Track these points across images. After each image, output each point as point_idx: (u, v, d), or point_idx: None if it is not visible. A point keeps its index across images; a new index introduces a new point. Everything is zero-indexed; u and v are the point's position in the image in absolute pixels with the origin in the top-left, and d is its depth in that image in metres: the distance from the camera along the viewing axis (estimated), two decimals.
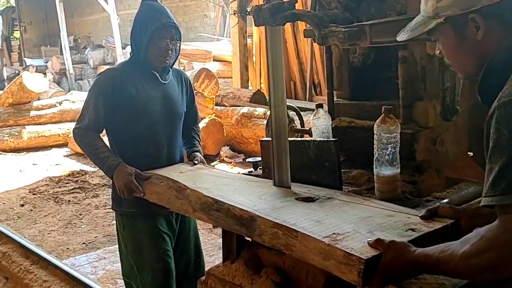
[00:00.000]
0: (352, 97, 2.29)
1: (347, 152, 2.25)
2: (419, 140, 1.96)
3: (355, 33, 1.51)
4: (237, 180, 2.06)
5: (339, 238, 1.35)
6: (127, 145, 2.34)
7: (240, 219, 1.64)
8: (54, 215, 4.84)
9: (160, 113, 2.35)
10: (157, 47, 2.28)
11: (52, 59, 15.96)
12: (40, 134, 8.19)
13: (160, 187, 2.11)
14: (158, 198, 2.11)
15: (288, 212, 1.59)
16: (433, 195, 1.91)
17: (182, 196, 1.96)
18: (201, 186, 1.94)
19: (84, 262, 3.68)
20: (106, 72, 2.39)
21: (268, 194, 1.80)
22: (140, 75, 2.34)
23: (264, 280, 1.77)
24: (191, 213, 1.91)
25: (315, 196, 1.72)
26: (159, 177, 2.15)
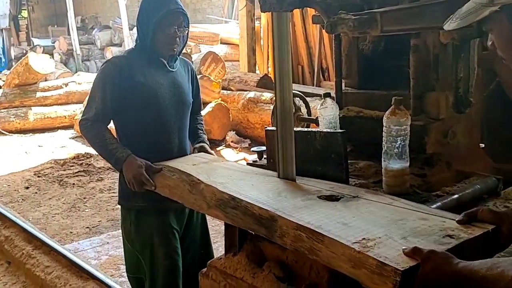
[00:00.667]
0: (361, 85, 2.22)
1: (354, 142, 2.19)
2: (430, 133, 1.89)
3: (366, 21, 1.44)
4: (254, 175, 1.93)
5: (370, 245, 1.24)
6: (136, 136, 2.25)
7: (260, 218, 1.53)
8: (59, 198, 4.83)
9: (170, 102, 2.28)
10: (165, 34, 2.21)
11: (59, 40, 15.91)
12: (46, 115, 8.17)
13: (172, 180, 2.01)
14: (170, 192, 2.01)
15: (311, 213, 1.48)
16: (443, 189, 1.85)
17: (196, 190, 1.85)
18: (216, 180, 1.83)
19: (87, 247, 3.66)
20: (113, 60, 2.31)
21: (288, 191, 1.69)
22: (147, 63, 2.25)
23: (266, 274, 1.73)
24: (206, 209, 1.80)
25: (339, 195, 1.61)
26: (171, 170, 2.04)
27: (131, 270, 2.34)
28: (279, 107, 1.81)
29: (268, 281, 1.71)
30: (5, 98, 8.25)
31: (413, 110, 1.92)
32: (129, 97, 2.21)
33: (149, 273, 2.26)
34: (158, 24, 2.18)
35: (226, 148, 6.14)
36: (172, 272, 2.24)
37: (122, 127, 2.30)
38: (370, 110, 2.13)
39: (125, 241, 2.33)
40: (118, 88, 2.19)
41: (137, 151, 2.16)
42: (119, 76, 2.19)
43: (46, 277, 2.68)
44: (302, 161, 1.93)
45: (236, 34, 9.29)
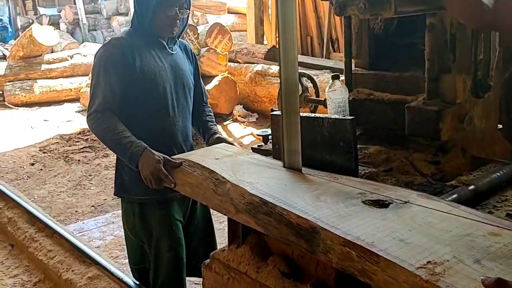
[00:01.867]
0: (371, 66, 2.09)
1: (364, 126, 2.08)
2: (445, 118, 1.77)
3: (377, 1, 1.31)
4: (285, 172, 1.69)
5: (438, 271, 1.03)
6: (139, 121, 2.10)
7: (298, 229, 1.32)
8: (64, 175, 4.78)
9: (172, 84, 2.16)
10: (165, 15, 2.08)
11: (65, 9, 15.72)
12: (51, 88, 8.09)
13: (194, 177, 1.76)
14: (192, 191, 1.78)
15: (359, 223, 1.26)
16: (458, 179, 1.75)
17: (221, 191, 1.61)
18: (243, 179, 1.61)
19: (92, 227, 3.62)
20: (113, 42, 2.12)
21: (327, 194, 1.46)
22: (147, 45, 2.12)
23: (271, 269, 1.66)
24: (234, 213, 1.56)
25: (387, 199, 1.39)
26: (192, 165, 1.81)
27: (135, 261, 2.28)
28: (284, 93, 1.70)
29: (273, 276, 1.64)
30: (10, 71, 8.17)
31: (428, 93, 1.80)
32: (133, 81, 2.07)
33: (153, 264, 2.20)
34: (158, 4, 2.06)
35: (233, 123, 6.04)
36: (175, 264, 2.18)
37: (125, 113, 2.10)
38: (381, 92, 2.01)
39: (127, 232, 2.25)
40: (122, 72, 2.05)
41: (141, 138, 2.01)
42: (122, 59, 2.05)
43: (49, 261, 2.64)
44: (309, 149, 1.82)
45: (244, 3, 9.05)
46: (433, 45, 1.75)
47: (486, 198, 1.68)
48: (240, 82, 6.26)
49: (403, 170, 1.83)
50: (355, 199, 1.41)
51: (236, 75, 6.39)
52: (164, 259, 2.17)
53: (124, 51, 2.06)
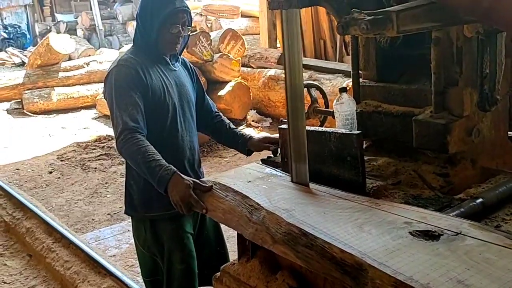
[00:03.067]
0: (379, 78, 2.09)
1: (372, 138, 2.09)
2: (453, 132, 1.77)
3: (380, 21, 1.32)
4: (322, 197, 1.60)
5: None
6: (152, 139, 2.02)
7: (342, 264, 1.22)
8: (81, 184, 4.87)
9: (177, 100, 2.19)
10: (169, 33, 2.12)
11: (82, 15, 15.93)
12: (69, 95, 8.23)
13: (226, 203, 1.67)
14: (225, 218, 1.66)
15: (409, 260, 1.16)
16: (466, 192, 1.74)
17: (256, 218, 1.52)
18: (279, 206, 1.52)
19: (108, 235, 3.69)
20: (122, 63, 2.11)
21: (371, 224, 1.36)
22: (152, 62, 2.15)
23: (280, 283, 1.68)
24: (271, 244, 1.45)
25: (436, 230, 1.28)
26: (224, 188, 1.72)
27: (147, 274, 2.32)
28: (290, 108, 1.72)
29: None
30: (28, 79, 8.33)
31: (435, 106, 1.80)
32: (146, 100, 2.08)
33: (166, 276, 2.24)
34: (163, 22, 2.09)
35: (247, 128, 6.07)
36: (188, 276, 2.22)
37: None
38: (388, 104, 2.02)
39: (139, 247, 2.29)
40: (141, 90, 2.05)
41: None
42: (138, 78, 2.06)
43: (66, 272, 2.70)
44: (317, 162, 1.84)
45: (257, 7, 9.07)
46: (439, 59, 1.75)
47: (495, 211, 1.68)
48: (254, 87, 6.28)
49: (412, 183, 1.83)
50: (402, 229, 1.30)
51: (249, 80, 6.42)
52: (177, 271, 2.20)
53: (137, 70, 2.08)
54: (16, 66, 13.26)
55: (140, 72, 2.08)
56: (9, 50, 15.23)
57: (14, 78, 8.57)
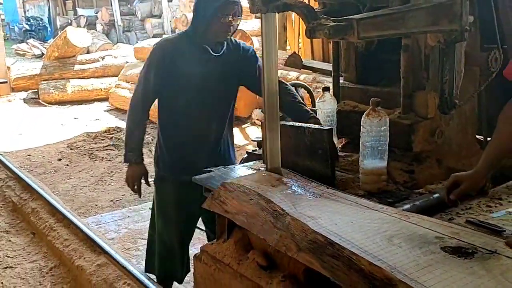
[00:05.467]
0: (359, 80, 2.25)
1: (350, 136, 2.24)
2: (417, 131, 1.92)
3: (342, 28, 1.48)
4: (349, 206, 1.54)
5: None
6: (173, 119, 2.43)
7: (371, 278, 1.16)
8: (88, 171, 5.08)
9: (209, 88, 2.38)
10: (220, 23, 2.31)
11: (102, 10, 16.23)
12: (83, 88, 8.47)
13: (250, 206, 1.63)
14: (248, 222, 1.62)
15: (442, 277, 1.11)
16: (426, 187, 1.88)
17: (280, 224, 1.48)
18: (304, 212, 1.48)
19: (109, 220, 3.88)
20: (161, 42, 2.45)
21: (401, 236, 1.30)
22: (192, 49, 2.37)
23: (250, 262, 1.83)
24: (295, 252, 1.41)
25: (470, 247, 1.23)
26: (247, 192, 1.68)
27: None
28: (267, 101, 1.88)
29: (251, 268, 1.81)
30: (45, 70, 8.60)
31: (403, 108, 1.96)
32: (169, 83, 2.36)
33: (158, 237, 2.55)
34: (215, 13, 2.29)
35: (252, 126, 6.23)
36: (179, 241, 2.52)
37: (162, 108, 2.46)
38: (364, 105, 2.17)
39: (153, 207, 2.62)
40: (161, 71, 2.35)
41: (175, 134, 2.42)
42: (162, 61, 2.34)
43: (64, 249, 2.89)
44: (294, 155, 2.00)
45: None
46: (408, 64, 1.91)
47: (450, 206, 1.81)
48: None
49: None
50: (433, 244, 1.25)
51: None
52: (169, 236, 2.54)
53: (165, 54, 2.35)
54: (36, 57, 13.61)
55: (166, 56, 2.34)
56: (30, 42, 15.61)
57: (32, 68, 8.87)
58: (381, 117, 1.75)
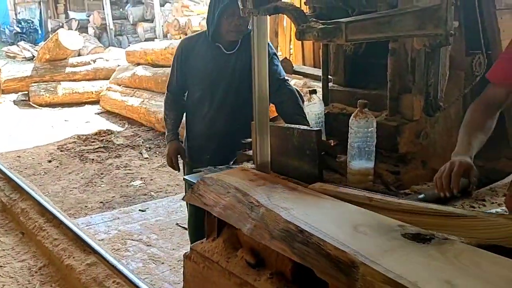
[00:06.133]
0: (347, 83, 2.30)
1: (338, 138, 2.28)
2: (403, 133, 1.97)
3: (331, 30, 1.52)
4: (323, 199, 1.65)
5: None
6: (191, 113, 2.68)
7: (337, 262, 1.25)
8: (78, 173, 5.08)
9: (223, 84, 2.54)
10: (228, 22, 2.44)
11: (94, 14, 16.21)
12: (74, 90, 8.46)
13: (227, 199, 1.73)
14: (225, 214, 1.72)
15: (400, 260, 1.19)
16: (411, 188, 1.93)
17: (255, 215, 1.58)
18: (278, 204, 1.57)
19: (98, 221, 3.88)
20: (181, 41, 2.73)
21: (367, 225, 1.40)
22: (205, 47, 2.55)
23: (239, 260, 1.86)
24: (268, 240, 1.51)
25: (428, 234, 1.32)
26: (225, 186, 1.79)
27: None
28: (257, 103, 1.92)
29: (240, 266, 1.84)
30: (36, 73, 8.59)
31: (389, 110, 2.01)
32: (186, 78, 2.61)
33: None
34: (221, 14, 2.43)
35: None
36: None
37: (186, 101, 2.70)
38: (353, 107, 2.21)
39: None
40: (179, 67, 2.61)
41: (192, 125, 2.67)
42: (180, 57, 2.59)
43: (54, 248, 2.90)
44: (282, 155, 2.04)
45: None
46: (394, 68, 1.95)
47: None
48: None
49: None
50: (395, 231, 1.34)
51: None
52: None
53: (183, 50, 2.60)
54: (26, 60, 13.56)
55: (184, 52, 2.58)
56: (20, 44, 15.55)
57: (23, 70, 8.84)
58: (368, 118, 1.79)
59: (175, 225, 3.76)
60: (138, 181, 4.73)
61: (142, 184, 4.68)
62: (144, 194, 4.48)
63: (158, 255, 3.34)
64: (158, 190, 4.53)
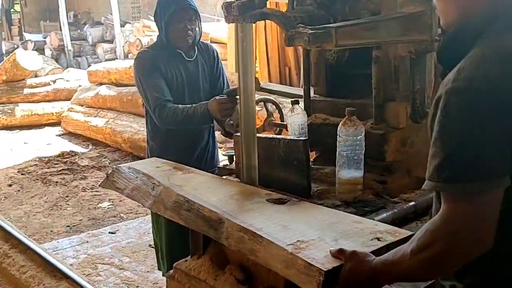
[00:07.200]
0: (329, 93, 2.27)
1: (321, 148, 2.25)
2: (389, 141, 1.95)
3: (320, 35, 1.49)
4: (212, 179, 2.03)
5: (302, 247, 1.33)
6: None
7: (209, 220, 1.60)
8: (41, 197, 4.86)
9: (187, 90, 2.51)
10: (176, 29, 2.43)
11: (51, 35, 15.85)
12: (33, 112, 8.16)
13: (135, 182, 2.05)
14: (132, 194, 2.04)
15: (256, 215, 1.56)
16: (400, 196, 1.91)
17: (155, 193, 1.91)
18: (175, 183, 1.91)
19: (66, 246, 3.70)
20: (140, 56, 2.56)
21: (240, 194, 1.77)
22: (167, 55, 2.50)
23: (228, 276, 1.79)
24: (163, 211, 1.85)
25: (287, 198, 1.69)
26: (135, 172, 2.10)
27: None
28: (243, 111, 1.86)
29: (229, 283, 1.77)
30: None
31: (375, 119, 1.99)
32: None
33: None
34: (169, 20, 2.42)
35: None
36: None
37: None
38: (336, 117, 2.18)
39: None
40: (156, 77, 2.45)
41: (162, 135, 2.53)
42: (153, 66, 2.46)
43: (21, 276, 2.72)
44: (267, 167, 1.98)
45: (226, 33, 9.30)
46: (378, 76, 1.94)
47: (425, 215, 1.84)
48: None
49: None
50: (262, 198, 1.71)
51: None
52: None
53: (153, 60, 2.48)
54: None
55: (154, 62, 2.47)
56: None
57: None
58: (357, 126, 1.76)
59: (148, 247, 3.62)
60: (106, 203, 4.56)
61: (111, 205, 4.51)
62: (113, 216, 4.31)
63: (132, 278, 3.20)
64: (128, 211, 4.38)
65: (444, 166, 1.03)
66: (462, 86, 1.01)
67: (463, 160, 1.01)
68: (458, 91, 1.01)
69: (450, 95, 1.02)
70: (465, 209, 1.01)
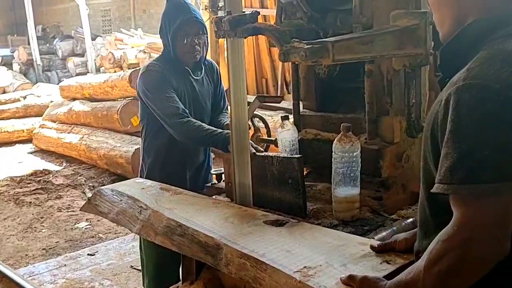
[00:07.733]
0: (319, 108, 2.23)
1: (313, 165, 2.19)
2: (385, 157, 1.91)
3: (317, 50, 1.43)
4: (202, 199, 1.94)
5: (310, 273, 1.27)
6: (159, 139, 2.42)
7: (206, 246, 1.53)
8: (14, 218, 4.66)
9: (192, 109, 2.39)
10: (183, 44, 2.32)
11: (19, 49, 15.52)
12: (3, 129, 7.90)
13: (120, 205, 1.96)
14: (117, 219, 1.94)
15: (257, 240, 1.49)
16: (398, 213, 1.86)
17: (143, 216, 1.81)
18: (163, 205, 1.82)
19: (43, 270, 3.54)
20: (150, 68, 2.38)
21: (235, 216, 1.69)
22: (174, 71, 2.38)
23: None
24: (153, 236, 1.74)
25: (285, 219, 1.64)
26: (119, 195, 2.01)
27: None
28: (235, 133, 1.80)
29: None
30: None
31: (368, 134, 1.94)
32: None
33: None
34: (175, 34, 2.30)
35: None
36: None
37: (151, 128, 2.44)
38: (327, 132, 2.14)
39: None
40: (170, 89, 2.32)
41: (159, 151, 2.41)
42: (164, 80, 2.32)
43: None
44: (260, 186, 1.92)
45: None
46: (372, 90, 1.90)
47: None
48: None
49: None
50: (259, 220, 1.64)
51: None
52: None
53: (163, 73, 2.33)
54: None
55: (165, 75, 2.33)
56: None
57: None
58: (352, 142, 1.72)
59: (130, 268, 3.50)
60: (84, 223, 4.40)
61: (88, 225, 4.36)
62: (91, 236, 4.16)
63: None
64: (107, 231, 4.23)
65: (457, 166, 0.97)
66: (475, 83, 0.98)
67: (478, 159, 0.95)
68: (471, 88, 0.98)
69: (461, 93, 0.99)
70: (479, 212, 0.95)
